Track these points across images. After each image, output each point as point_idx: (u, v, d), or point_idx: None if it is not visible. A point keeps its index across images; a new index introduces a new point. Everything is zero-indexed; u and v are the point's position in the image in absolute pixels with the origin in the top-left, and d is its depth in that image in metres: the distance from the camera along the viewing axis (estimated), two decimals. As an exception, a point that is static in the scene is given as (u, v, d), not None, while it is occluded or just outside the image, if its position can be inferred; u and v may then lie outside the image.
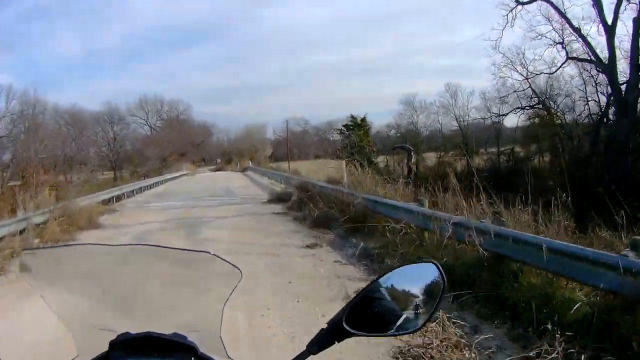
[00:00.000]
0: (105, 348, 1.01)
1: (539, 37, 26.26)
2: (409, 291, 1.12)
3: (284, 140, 71.24)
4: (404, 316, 1.10)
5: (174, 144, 52.96)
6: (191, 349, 1.03)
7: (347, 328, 1.06)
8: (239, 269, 1.16)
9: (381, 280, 1.12)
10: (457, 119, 40.64)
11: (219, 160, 65.51)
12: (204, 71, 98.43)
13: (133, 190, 23.76)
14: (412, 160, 31.27)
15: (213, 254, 1.16)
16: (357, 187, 12.05)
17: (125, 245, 1.23)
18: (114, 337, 1.02)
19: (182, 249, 1.20)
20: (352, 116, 42.14)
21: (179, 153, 54.57)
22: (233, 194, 22.47)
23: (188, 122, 61.77)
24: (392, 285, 1.12)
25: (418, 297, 1.12)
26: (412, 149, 32.38)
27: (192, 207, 16.58)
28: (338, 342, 1.07)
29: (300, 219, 12.22)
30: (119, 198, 20.22)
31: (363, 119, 42.30)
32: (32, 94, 38.63)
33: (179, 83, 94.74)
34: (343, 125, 43.60)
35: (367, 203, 10.42)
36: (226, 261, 1.16)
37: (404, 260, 6.48)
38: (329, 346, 1.07)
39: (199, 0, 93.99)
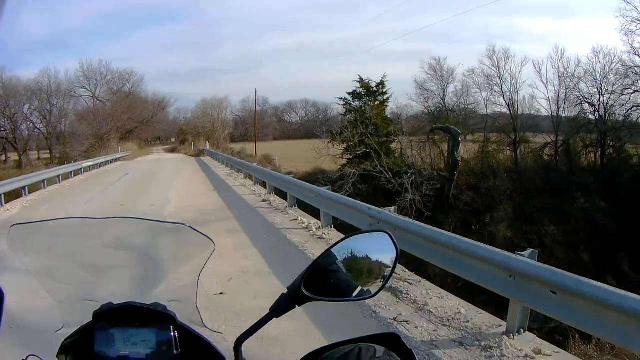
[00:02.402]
0: (90, 318, 1.08)
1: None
2: (364, 259, 1.16)
3: (242, 120, 66.93)
4: (360, 282, 1.15)
5: (118, 119, 46.79)
6: (170, 318, 1.10)
7: (306, 293, 1.10)
8: (211, 240, 1.23)
9: (337, 247, 1.15)
10: (503, 95, 30.93)
11: (173, 140, 60.19)
12: (162, 52, 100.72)
13: None
14: (459, 149, 25.92)
15: (188, 226, 1.25)
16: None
17: (106, 218, 1.28)
18: (97, 307, 1.08)
19: (158, 221, 1.28)
20: (360, 79, 31.37)
21: (126, 130, 47.51)
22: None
23: (139, 95, 55.59)
24: (347, 253, 1.15)
25: (373, 264, 1.16)
26: (460, 132, 26.46)
27: None
28: (299, 305, 1.13)
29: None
30: None
31: (380, 84, 31.38)
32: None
33: (136, 63, 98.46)
34: (349, 93, 31.68)
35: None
36: (200, 232, 1.23)
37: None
38: (289, 310, 1.12)
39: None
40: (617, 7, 30.95)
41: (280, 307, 1.13)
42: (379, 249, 1.17)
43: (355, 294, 1.14)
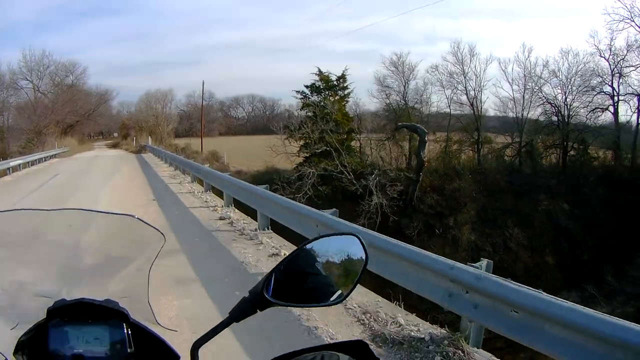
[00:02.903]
0: (44, 315, 1.05)
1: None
2: (331, 262, 1.11)
3: (187, 115, 64.32)
4: (325, 287, 1.10)
5: (59, 113, 43.15)
6: (122, 315, 1.07)
7: (268, 297, 1.06)
8: (161, 233, 1.21)
9: (303, 249, 1.11)
10: (467, 93, 29.77)
11: (116, 135, 57.17)
12: (107, 45, 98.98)
13: None
14: (425, 148, 24.81)
15: (137, 218, 1.21)
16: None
17: (56, 209, 1.24)
18: (51, 304, 1.06)
19: (107, 212, 1.24)
20: (319, 71, 29.74)
21: (66, 124, 44.04)
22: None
23: (81, 88, 51.37)
24: (314, 256, 1.11)
25: (340, 268, 1.11)
26: (426, 131, 25.43)
27: None
28: (260, 310, 1.08)
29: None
30: None
31: (342, 77, 29.98)
32: None
33: (81, 57, 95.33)
34: (307, 86, 29.91)
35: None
36: (150, 225, 1.21)
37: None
38: (250, 314, 1.08)
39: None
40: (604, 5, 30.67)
41: (241, 311, 1.08)
42: (348, 252, 1.11)
43: (321, 299, 1.10)
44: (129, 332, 1.08)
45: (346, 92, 29.74)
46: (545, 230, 22.59)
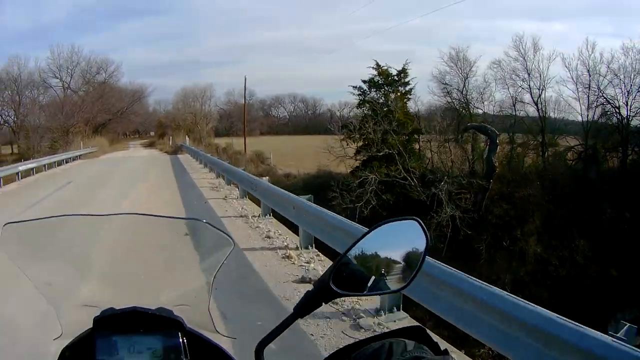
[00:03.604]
0: (90, 325, 1.02)
1: None
2: (392, 248, 1.11)
3: (226, 113, 63.40)
4: (389, 274, 1.10)
5: (88, 111, 42.49)
6: (178, 324, 1.05)
7: (334, 288, 1.05)
8: (231, 238, 1.15)
9: (364, 239, 1.09)
10: (530, 91, 26.84)
11: (152, 134, 57.00)
12: (143, 44, 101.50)
13: None
14: (495, 152, 22.91)
15: (205, 222, 1.16)
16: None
17: (110, 215, 1.17)
18: (98, 313, 1.03)
19: (172, 217, 1.21)
20: (377, 65, 26.41)
21: (97, 123, 43.42)
22: None
23: (114, 85, 50.65)
24: (375, 243, 1.10)
25: (402, 253, 1.10)
26: (497, 133, 23.46)
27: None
28: (325, 303, 1.08)
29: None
30: None
31: (402, 71, 26.54)
32: None
33: (115, 56, 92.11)
34: (364, 81, 26.70)
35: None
36: (219, 229, 1.16)
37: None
38: (316, 308, 1.07)
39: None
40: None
41: (306, 306, 1.07)
42: (408, 237, 1.10)
43: (384, 286, 1.09)
44: (184, 341, 1.03)
45: (407, 88, 26.91)
46: (611, 240, 20.67)
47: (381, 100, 25.67)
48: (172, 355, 1.01)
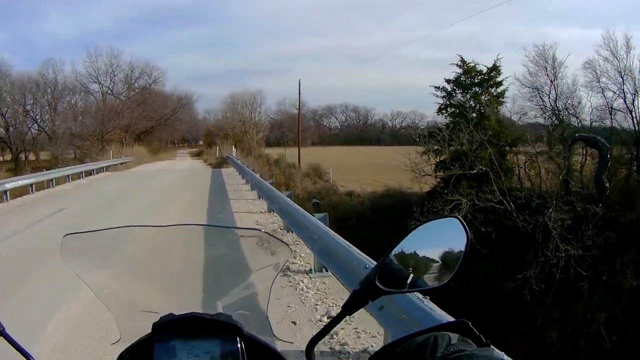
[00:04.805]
0: (149, 330, 1.04)
1: None
2: (436, 246, 1.13)
3: (277, 123, 60.64)
4: (432, 270, 1.12)
5: (128, 117, 39.62)
6: (236, 329, 1.06)
7: (380, 286, 1.07)
8: (288, 246, 1.21)
9: (407, 237, 1.11)
10: (624, 97, 21.77)
11: (201, 143, 57.52)
12: (190, 53, 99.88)
13: None
14: (606, 169, 19.02)
15: (264, 232, 1.24)
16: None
17: (169, 226, 1.21)
18: (157, 319, 1.04)
19: (231, 227, 1.33)
20: (462, 61, 22.56)
21: (138, 130, 39.38)
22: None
23: (158, 91, 47.66)
24: (419, 241, 1.12)
25: (445, 250, 1.12)
26: (608, 146, 19.43)
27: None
28: (372, 301, 1.10)
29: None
30: None
31: (494, 69, 22.57)
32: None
33: (163, 65, 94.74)
34: (449, 81, 23.16)
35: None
36: (276, 238, 1.21)
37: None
38: (363, 306, 1.10)
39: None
40: None
41: (353, 304, 1.10)
42: (449, 235, 1.12)
43: (422, 283, 1.11)
44: (243, 346, 1.04)
45: (500, 88, 22.33)
46: None
47: (470, 104, 21.26)
48: (229, 359, 1.01)
